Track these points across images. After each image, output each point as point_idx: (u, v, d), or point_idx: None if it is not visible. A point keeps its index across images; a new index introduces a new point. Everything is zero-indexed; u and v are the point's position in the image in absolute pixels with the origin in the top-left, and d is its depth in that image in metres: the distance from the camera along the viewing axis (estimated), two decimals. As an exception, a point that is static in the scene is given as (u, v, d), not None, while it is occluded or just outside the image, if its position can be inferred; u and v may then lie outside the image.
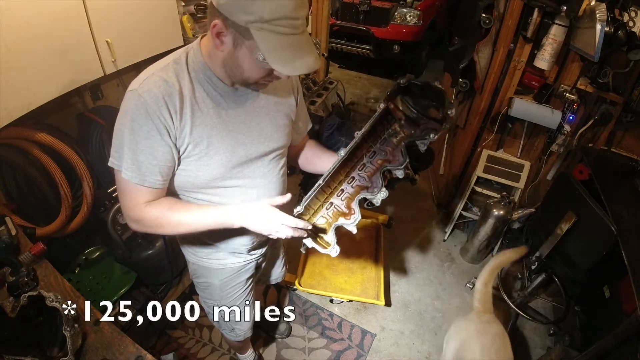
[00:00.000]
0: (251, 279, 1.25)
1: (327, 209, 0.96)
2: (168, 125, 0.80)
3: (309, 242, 0.90)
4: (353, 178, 0.95)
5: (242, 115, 0.91)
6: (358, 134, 0.90)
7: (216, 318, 1.30)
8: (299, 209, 0.91)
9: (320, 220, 0.96)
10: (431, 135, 0.84)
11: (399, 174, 0.88)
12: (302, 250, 0.93)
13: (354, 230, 0.90)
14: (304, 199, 0.92)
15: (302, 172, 1.68)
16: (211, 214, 0.88)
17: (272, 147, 0.99)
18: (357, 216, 0.90)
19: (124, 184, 0.85)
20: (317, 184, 0.91)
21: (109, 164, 0.84)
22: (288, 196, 0.87)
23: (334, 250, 0.90)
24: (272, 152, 1.00)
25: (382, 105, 0.88)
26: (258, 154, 0.96)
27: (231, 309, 1.25)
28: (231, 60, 0.79)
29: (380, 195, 0.88)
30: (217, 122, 0.87)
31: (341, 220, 0.92)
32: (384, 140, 0.94)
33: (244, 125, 0.91)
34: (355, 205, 0.90)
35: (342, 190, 0.96)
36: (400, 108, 0.92)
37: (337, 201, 0.95)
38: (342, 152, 0.91)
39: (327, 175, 0.91)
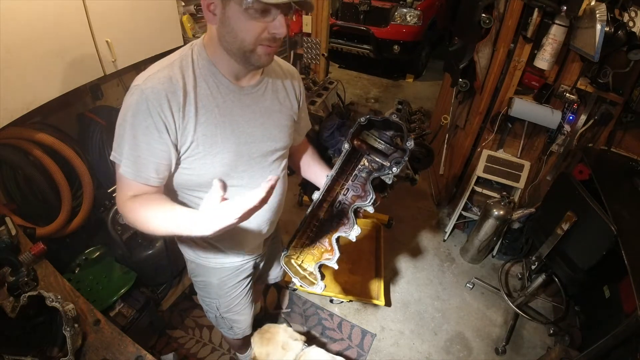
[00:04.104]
0: (249, 278, 1.25)
1: (312, 247, 0.98)
2: (168, 123, 0.79)
3: (297, 281, 0.93)
4: (332, 216, 0.97)
5: (247, 115, 0.91)
6: (328, 176, 0.93)
7: (214, 316, 1.31)
8: (285, 251, 0.94)
9: (308, 258, 0.98)
10: (393, 170, 0.84)
11: (369, 209, 0.89)
12: (291, 286, 0.96)
13: (336, 267, 0.91)
14: (289, 241, 0.94)
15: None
16: (171, 223, 0.77)
17: (275, 147, 0.99)
18: (336, 254, 0.90)
19: (119, 177, 0.85)
20: (299, 226, 0.93)
21: (111, 157, 0.84)
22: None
23: (319, 287, 0.91)
24: (274, 152, 1.00)
25: (346, 146, 0.91)
26: (261, 154, 0.96)
27: (229, 307, 1.25)
28: (224, 28, 0.77)
29: (353, 233, 0.89)
30: (221, 121, 0.86)
31: (325, 257, 0.94)
32: (355, 177, 0.96)
33: (248, 124, 0.91)
34: (334, 242, 0.91)
35: (325, 228, 0.98)
36: (368, 142, 0.94)
37: (321, 238, 0.97)
38: (316, 195, 0.93)
39: (306, 216, 0.94)
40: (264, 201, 0.66)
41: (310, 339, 1.95)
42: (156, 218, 0.78)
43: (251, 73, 0.90)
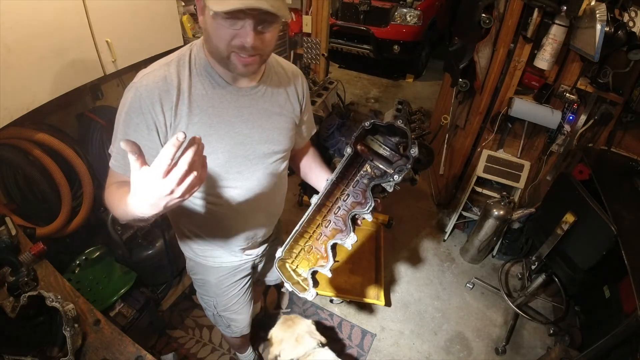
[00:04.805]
0: (247, 278, 1.25)
1: (307, 252, 0.96)
2: (158, 121, 0.81)
3: (289, 287, 0.92)
4: (329, 221, 0.95)
5: (245, 116, 0.90)
6: (328, 180, 0.91)
7: (212, 314, 1.31)
8: (280, 254, 0.92)
9: (303, 264, 0.96)
10: (395, 177, 0.83)
11: (368, 217, 0.88)
12: (283, 291, 0.91)
13: (329, 274, 0.89)
14: (284, 245, 0.93)
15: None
16: (124, 205, 0.68)
17: (273, 149, 0.98)
18: (330, 262, 0.88)
19: (109, 169, 0.87)
20: (294, 230, 0.92)
21: (109, 150, 0.86)
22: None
23: (310, 294, 0.90)
24: (272, 154, 0.99)
25: (348, 150, 0.89)
26: (257, 155, 0.96)
27: (227, 306, 1.25)
28: (205, 33, 0.79)
29: (349, 241, 0.87)
30: (216, 121, 0.86)
31: (319, 263, 0.92)
32: (356, 183, 0.94)
33: (244, 125, 0.91)
34: (329, 250, 0.89)
35: (321, 234, 0.96)
36: (372, 147, 0.92)
37: (317, 244, 0.95)
38: (315, 199, 0.91)
39: (302, 221, 0.91)
40: (189, 163, 0.57)
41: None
42: (118, 203, 0.74)
43: (253, 74, 0.90)
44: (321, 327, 2.01)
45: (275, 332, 1.50)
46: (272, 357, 1.44)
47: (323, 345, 1.48)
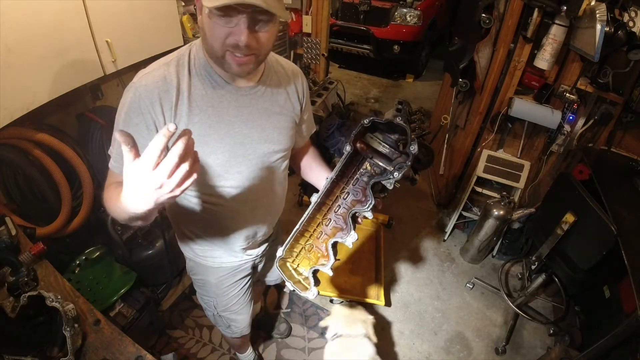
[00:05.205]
0: (247, 278, 1.25)
1: (308, 251, 0.96)
2: (158, 121, 0.80)
3: (290, 286, 0.92)
4: (330, 220, 0.95)
5: (245, 115, 0.90)
6: (328, 179, 0.90)
7: (212, 315, 1.31)
8: (280, 253, 0.92)
9: (304, 262, 0.96)
10: (395, 174, 0.82)
11: (368, 214, 0.87)
12: (285, 291, 0.90)
13: (330, 273, 0.88)
14: (285, 244, 0.92)
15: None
16: (118, 203, 0.66)
17: (273, 148, 0.98)
18: (331, 260, 0.88)
19: (109, 170, 0.87)
20: (295, 229, 0.92)
21: (108, 151, 0.87)
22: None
23: (312, 293, 0.89)
24: (273, 154, 0.99)
25: (348, 148, 0.88)
26: (257, 155, 0.96)
27: (227, 306, 1.25)
28: (202, 32, 0.79)
29: (349, 239, 0.87)
30: (216, 121, 0.86)
31: (320, 262, 0.92)
32: (356, 181, 0.94)
33: (244, 125, 0.91)
34: (330, 248, 0.89)
35: (322, 232, 0.95)
36: (372, 145, 0.91)
37: (317, 243, 0.95)
38: (314, 198, 0.91)
39: (303, 220, 0.91)
40: (179, 155, 0.54)
41: (310, 339, 1.95)
42: (115, 202, 0.72)
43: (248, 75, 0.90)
44: (322, 328, 2.01)
45: (337, 307, 1.60)
46: (324, 325, 1.57)
47: (370, 340, 1.54)
